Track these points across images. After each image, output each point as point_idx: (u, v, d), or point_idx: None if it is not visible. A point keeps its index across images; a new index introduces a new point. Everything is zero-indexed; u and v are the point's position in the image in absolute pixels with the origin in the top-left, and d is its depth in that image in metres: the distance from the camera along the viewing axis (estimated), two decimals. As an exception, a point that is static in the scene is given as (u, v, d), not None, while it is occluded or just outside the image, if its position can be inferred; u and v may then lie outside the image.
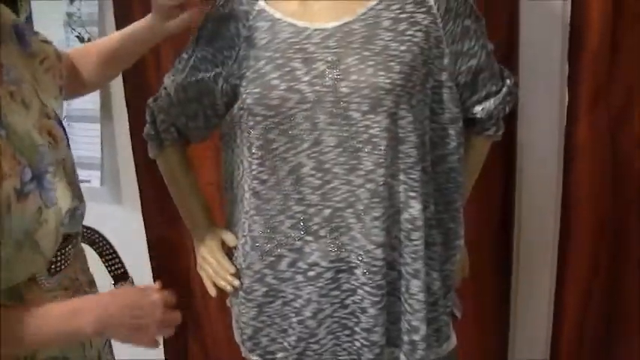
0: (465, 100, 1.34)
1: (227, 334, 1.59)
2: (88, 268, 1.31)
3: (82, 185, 2.22)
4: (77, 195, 1.18)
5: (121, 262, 1.67)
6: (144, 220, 2.25)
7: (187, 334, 2.35)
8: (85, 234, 1.41)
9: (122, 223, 2.24)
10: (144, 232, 2.27)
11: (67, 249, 1.17)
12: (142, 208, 2.24)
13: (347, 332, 1.35)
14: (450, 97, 1.29)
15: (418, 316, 1.31)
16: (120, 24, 2.08)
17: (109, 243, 1.69)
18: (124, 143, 2.19)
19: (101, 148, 2.19)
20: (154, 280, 2.29)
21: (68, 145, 1.20)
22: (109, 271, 1.68)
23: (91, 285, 1.30)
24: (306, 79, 1.23)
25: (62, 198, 1.11)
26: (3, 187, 1.00)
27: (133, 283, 1.29)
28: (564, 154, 1.82)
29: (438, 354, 1.38)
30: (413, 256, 1.29)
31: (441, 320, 1.38)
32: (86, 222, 1.38)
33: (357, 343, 1.34)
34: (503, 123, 1.42)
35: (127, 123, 2.14)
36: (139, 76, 2.04)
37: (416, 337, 1.32)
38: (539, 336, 2.05)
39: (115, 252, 1.68)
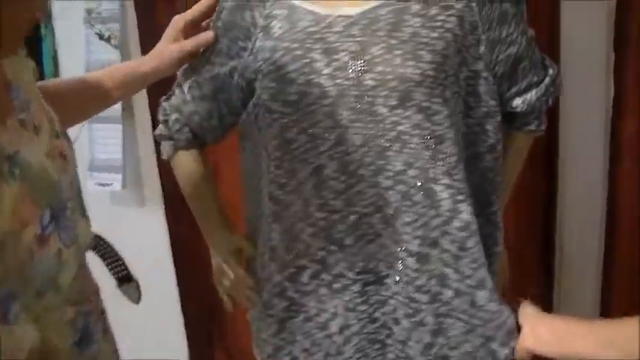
0: (503, 93, 1.22)
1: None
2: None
3: (103, 189, 2.13)
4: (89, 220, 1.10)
5: (124, 263, 1.58)
6: (167, 223, 2.18)
7: (213, 342, 2.30)
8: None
9: (144, 226, 2.18)
10: (166, 235, 2.20)
11: None
12: (166, 211, 2.17)
13: (377, 346, 1.24)
14: (486, 88, 1.17)
15: (491, 326, 1.19)
16: (142, 21, 2.00)
17: (110, 246, 1.59)
18: (147, 144, 2.11)
19: (123, 150, 2.10)
20: (178, 285, 2.24)
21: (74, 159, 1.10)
22: (112, 274, 1.58)
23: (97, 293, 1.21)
24: (326, 71, 1.12)
25: (82, 234, 1.03)
26: (24, 236, 0.91)
27: (138, 284, 1.21)
28: (610, 154, 1.70)
29: None
30: (473, 265, 1.17)
31: None
32: (107, 225, 1.29)
33: (391, 355, 1.23)
34: (545, 117, 1.30)
35: (150, 123, 2.05)
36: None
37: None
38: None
39: (116, 254, 1.59)
